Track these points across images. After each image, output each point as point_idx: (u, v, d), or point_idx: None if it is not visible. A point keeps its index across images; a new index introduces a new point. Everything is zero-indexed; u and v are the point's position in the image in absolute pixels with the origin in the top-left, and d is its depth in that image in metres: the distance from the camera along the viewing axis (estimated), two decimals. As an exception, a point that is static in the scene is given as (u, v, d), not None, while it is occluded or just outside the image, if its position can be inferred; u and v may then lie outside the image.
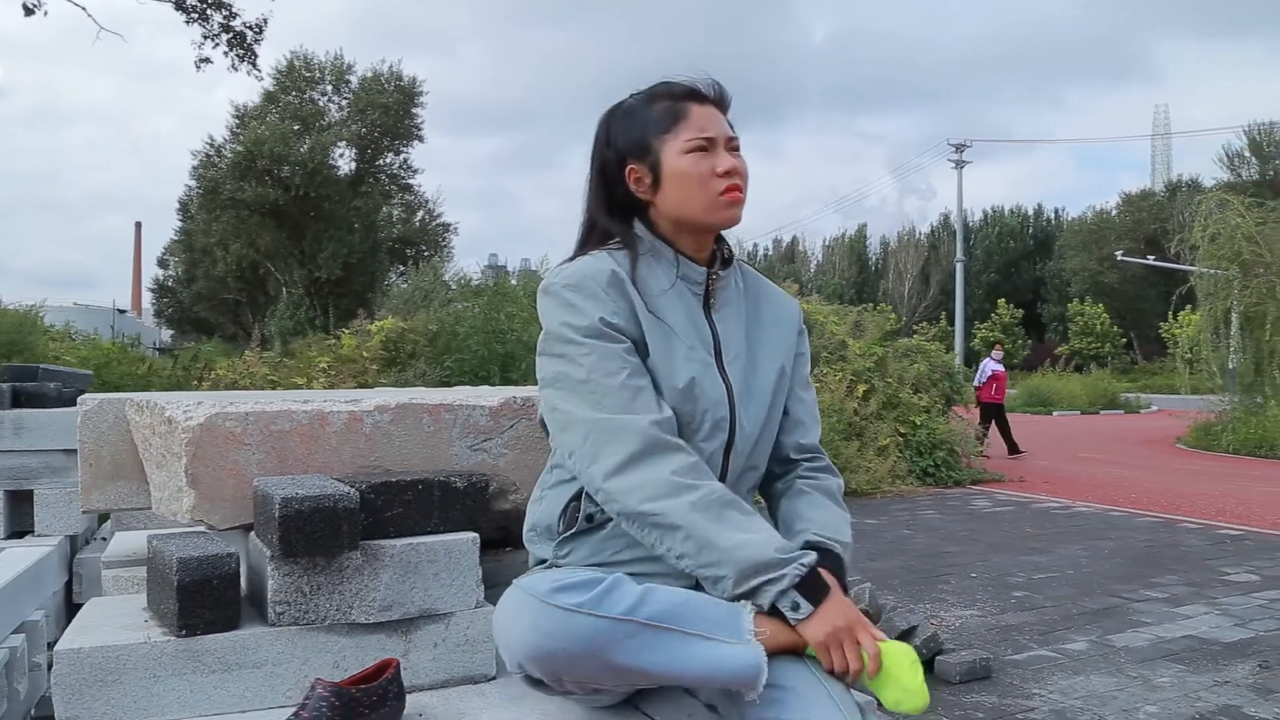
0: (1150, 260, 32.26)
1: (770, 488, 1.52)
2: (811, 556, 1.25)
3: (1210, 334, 14.08)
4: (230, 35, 15.14)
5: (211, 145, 27.51)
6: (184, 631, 1.30)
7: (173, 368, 7.33)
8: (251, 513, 1.47)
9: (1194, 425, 14.29)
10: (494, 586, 1.52)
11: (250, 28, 15.20)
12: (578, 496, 1.36)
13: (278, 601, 1.35)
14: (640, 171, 1.43)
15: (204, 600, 1.31)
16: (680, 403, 1.33)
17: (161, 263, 41.97)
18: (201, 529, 1.64)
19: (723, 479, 1.38)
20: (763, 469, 1.48)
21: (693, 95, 1.43)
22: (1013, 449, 12.09)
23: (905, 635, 3.70)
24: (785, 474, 1.50)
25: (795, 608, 1.21)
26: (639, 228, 1.44)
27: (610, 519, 1.34)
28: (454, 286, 19.36)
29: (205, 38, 14.99)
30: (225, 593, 1.32)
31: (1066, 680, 3.57)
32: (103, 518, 3.95)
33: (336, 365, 7.89)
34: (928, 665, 3.61)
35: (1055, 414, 21.70)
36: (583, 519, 1.35)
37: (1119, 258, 35.44)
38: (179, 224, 35.27)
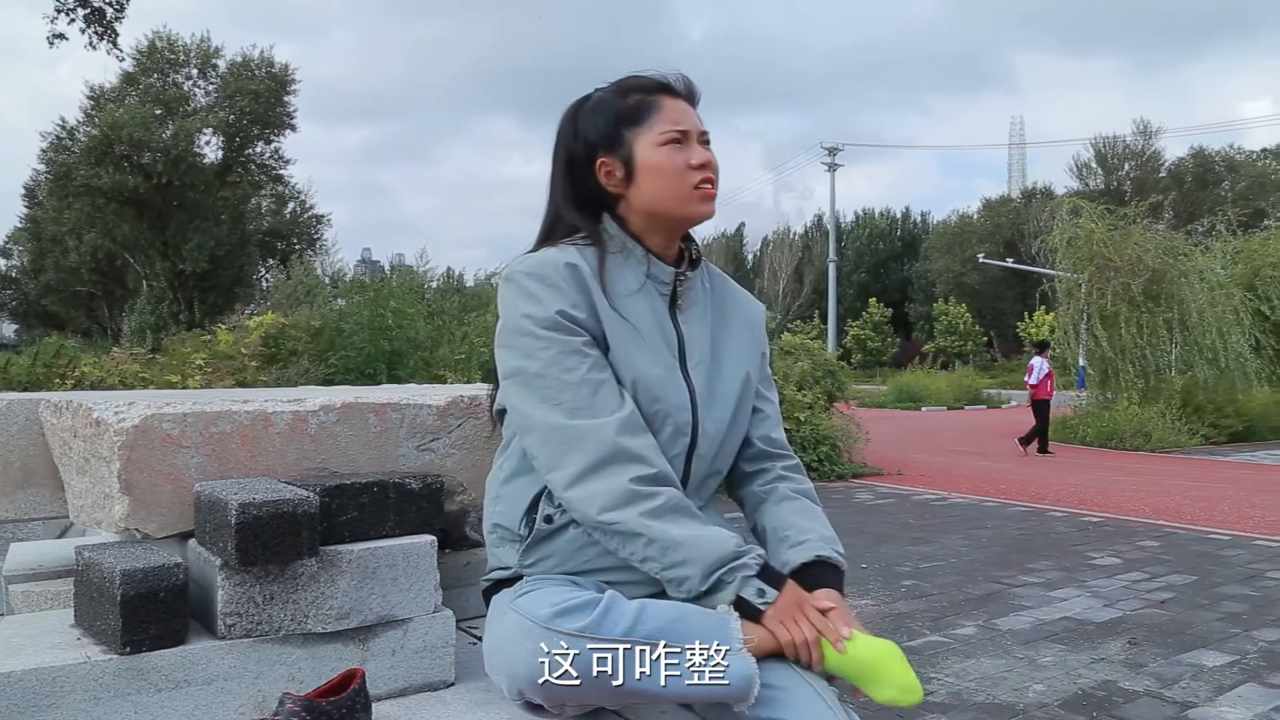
0: (1009, 263, 34.12)
1: (746, 489, 1.50)
2: (758, 548, 1.29)
3: (1069, 333, 14.99)
4: (88, 10, 14.25)
5: (63, 127, 25.79)
6: (128, 649, 1.21)
7: (31, 365, 6.82)
8: (190, 519, 1.39)
9: (1053, 420, 15.17)
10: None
11: (110, 4, 14.34)
12: (537, 498, 1.34)
13: (228, 613, 1.28)
14: (612, 164, 1.40)
15: (150, 615, 1.22)
16: (641, 405, 1.32)
17: (4, 252, 39.19)
18: (107, 536, 1.54)
19: (685, 483, 1.38)
20: (724, 474, 1.48)
21: (664, 88, 1.42)
22: (1026, 441, 12.63)
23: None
24: (760, 473, 1.49)
25: (761, 594, 1.24)
26: (608, 223, 1.42)
27: (570, 523, 1.32)
28: (329, 281, 18.76)
29: (59, 11, 14.06)
30: (172, 606, 1.24)
31: (960, 664, 3.74)
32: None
33: (213, 362, 7.52)
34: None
35: (924, 409, 22.65)
36: (541, 520, 1.33)
37: (980, 260, 37.32)
38: (24, 210, 33.00)
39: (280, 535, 1.24)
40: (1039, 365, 12.85)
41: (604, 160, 1.40)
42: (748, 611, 1.23)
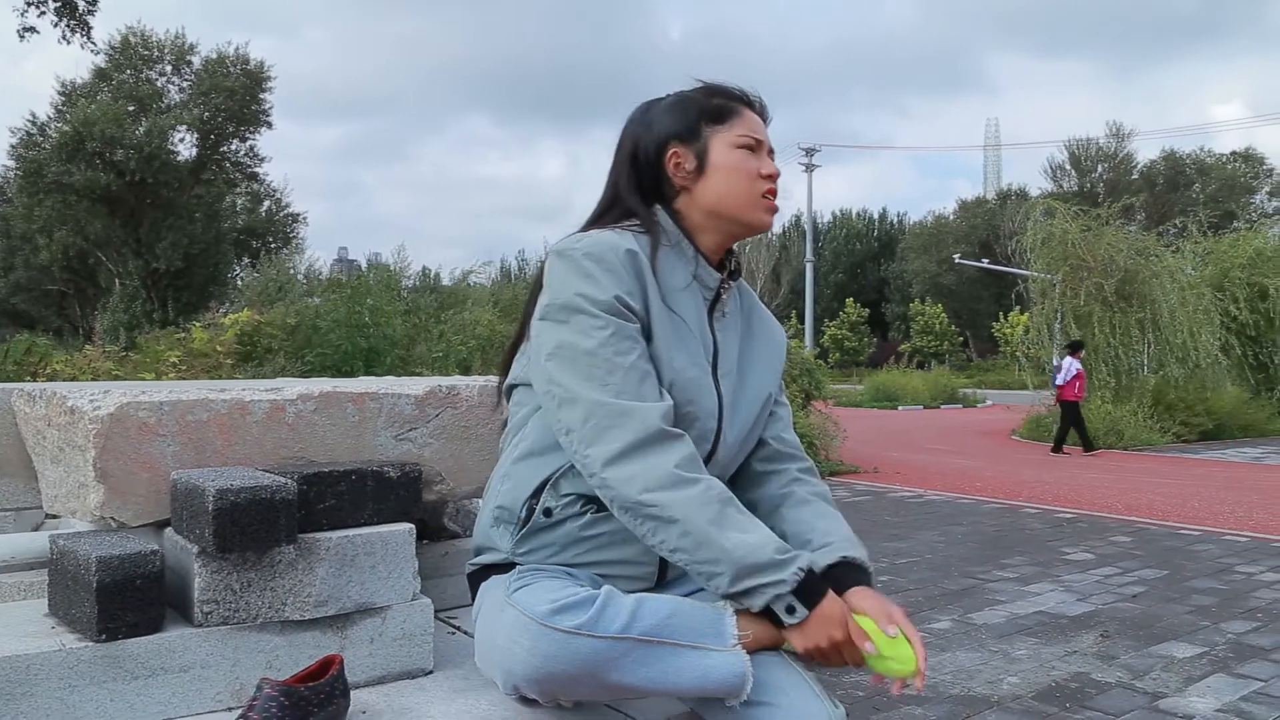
0: (984, 263, 34.41)
1: (761, 491, 1.47)
2: (808, 558, 1.24)
3: (1043, 332, 15.13)
4: (59, 3, 14.09)
5: (34, 123, 25.43)
6: (103, 636, 1.21)
7: (2, 362, 6.74)
8: (167, 507, 1.38)
9: (1027, 418, 15.32)
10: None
11: (82, -2, 14.18)
12: (545, 483, 1.32)
13: (205, 600, 1.27)
14: (683, 155, 1.40)
15: (126, 602, 1.21)
16: (675, 404, 1.31)
17: (-28, 250, 38.52)
18: (83, 526, 1.53)
19: None
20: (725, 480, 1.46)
21: (745, 100, 1.44)
22: (1089, 446, 12.32)
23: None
24: (775, 474, 1.47)
25: (790, 611, 1.20)
26: (661, 216, 1.41)
27: (569, 517, 1.31)
28: (304, 280, 18.63)
29: (30, 4, 13.89)
30: (149, 593, 1.23)
31: (935, 657, 3.77)
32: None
33: (188, 360, 7.45)
34: (808, 648, 3.75)
35: (900, 409, 22.80)
36: (540, 512, 1.31)
37: (956, 260, 37.58)
38: (-7, 207, 32.49)
39: (258, 522, 1.24)
40: (1068, 365, 12.51)
41: (676, 150, 1.40)
42: (775, 622, 1.22)
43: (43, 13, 14.08)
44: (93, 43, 14.28)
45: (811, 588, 1.21)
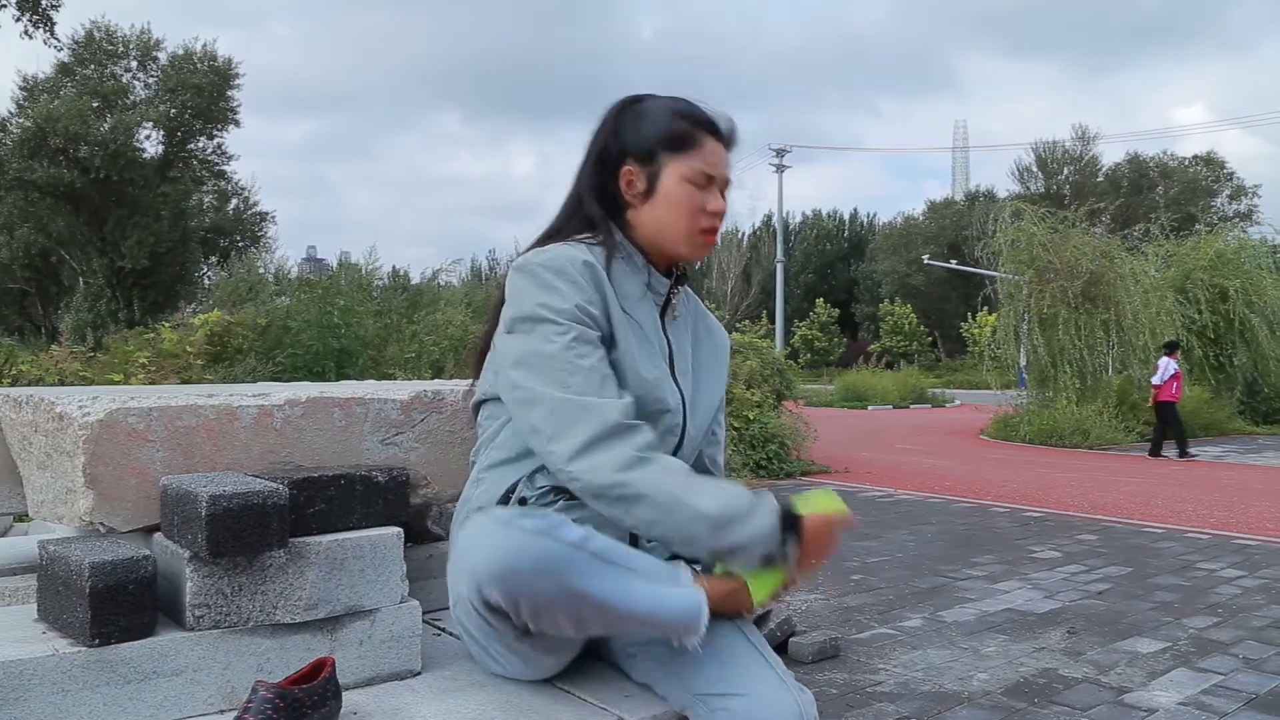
0: (953, 264, 34.77)
1: None
2: (770, 497, 1.29)
3: (1010, 333, 15.31)
4: (21, -1, 13.87)
5: (-7, 119, 24.98)
6: (96, 641, 1.22)
7: (-34, 363, 6.64)
8: (156, 513, 1.39)
9: (995, 418, 15.51)
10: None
11: (46, -8, 13.97)
12: (518, 483, 1.37)
13: (196, 605, 1.29)
14: (635, 176, 1.44)
15: (119, 607, 1.23)
16: (642, 404, 1.37)
17: (-70, 247, 37.72)
18: (64, 531, 1.54)
19: None
20: None
21: (712, 128, 1.46)
22: (1184, 449, 11.79)
23: (760, 620, 3.88)
24: None
25: (784, 550, 1.27)
26: (615, 232, 1.46)
27: (545, 505, 1.35)
28: (274, 279, 18.46)
29: (-10, -1, 13.67)
30: (141, 598, 1.24)
31: (907, 655, 3.83)
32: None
33: (157, 360, 7.37)
34: (781, 648, 3.80)
35: (870, 408, 22.99)
36: (515, 503, 1.36)
37: (925, 261, 37.94)
38: (-48, 205, 31.83)
39: (250, 527, 1.26)
40: (1164, 365, 12.01)
41: (630, 169, 1.44)
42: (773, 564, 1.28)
43: (4, 6, 13.87)
44: (56, 39, 14.07)
45: (790, 517, 1.28)
